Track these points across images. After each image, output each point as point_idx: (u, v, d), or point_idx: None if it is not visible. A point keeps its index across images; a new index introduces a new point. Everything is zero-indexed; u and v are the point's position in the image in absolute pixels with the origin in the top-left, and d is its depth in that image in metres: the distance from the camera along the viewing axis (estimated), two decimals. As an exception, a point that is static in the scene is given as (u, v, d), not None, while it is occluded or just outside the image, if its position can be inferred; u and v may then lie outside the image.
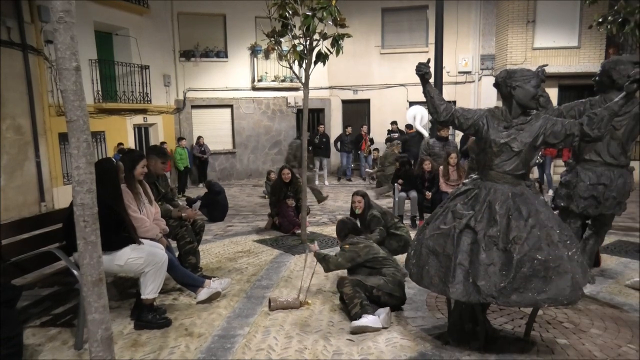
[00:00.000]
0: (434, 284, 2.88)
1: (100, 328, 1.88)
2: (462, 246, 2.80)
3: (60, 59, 1.68)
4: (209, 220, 7.56)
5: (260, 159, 14.22)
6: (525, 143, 2.89)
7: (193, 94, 13.39)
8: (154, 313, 3.49)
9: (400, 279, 3.76)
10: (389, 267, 3.81)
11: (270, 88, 13.87)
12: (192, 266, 4.36)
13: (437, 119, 3.14)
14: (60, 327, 3.53)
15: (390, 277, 3.70)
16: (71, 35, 1.65)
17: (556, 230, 2.79)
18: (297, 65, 5.83)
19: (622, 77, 3.65)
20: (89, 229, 1.79)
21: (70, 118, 1.70)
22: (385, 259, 3.90)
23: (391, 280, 3.69)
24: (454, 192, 3.13)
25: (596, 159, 3.86)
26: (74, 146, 1.73)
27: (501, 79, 3.01)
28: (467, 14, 13.48)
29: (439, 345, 3.12)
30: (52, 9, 1.63)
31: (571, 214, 3.98)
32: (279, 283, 4.48)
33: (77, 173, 1.76)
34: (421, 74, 3.07)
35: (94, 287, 1.83)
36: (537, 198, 2.92)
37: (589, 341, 3.17)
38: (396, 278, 3.73)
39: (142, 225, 3.69)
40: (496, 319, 3.49)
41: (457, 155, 7.11)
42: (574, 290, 2.67)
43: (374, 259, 3.85)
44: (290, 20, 5.58)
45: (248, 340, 3.26)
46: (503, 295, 2.66)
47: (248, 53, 13.58)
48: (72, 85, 1.68)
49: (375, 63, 14.21)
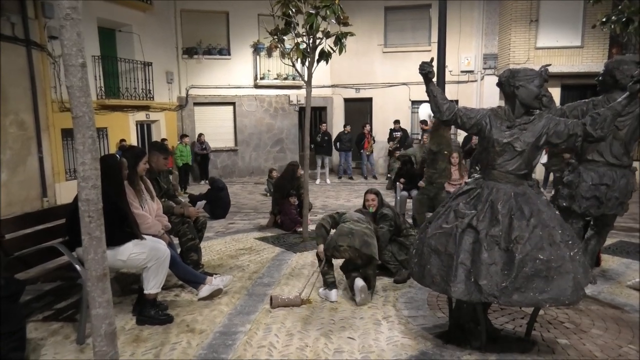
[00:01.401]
0: (436, 282, 2.88)
1: (104, 323, 1.90)
2: (464, 245, 2.80)
3: (67, 56, 1.68)
4: (211, 217, 7.58)
5: (262, 157, 14.23)
6: (528, 143, 2.88)
7: (195, 91, 13.40)
8: (156, 309, 3.51)
9: (367, 238, 3.93)
10: (359, 226, 4.02)
11: (272, 86, 13.86)
12: (194, 263, 4.37)
13: (440, 118, 3.14)
14: (62, 321, 3.55)
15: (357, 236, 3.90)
16: (77, 32, 1.66)
17: (558, 230, 2.80)
18: (299, 64, 5.84)
19: (625, 77, 3.65)
20: (94, 225, 1.80)
21: (76, 114, 1.71)
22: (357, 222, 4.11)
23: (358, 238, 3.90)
24: (456, 192, 3.14)
25: (599, 159, 3.85)
26: (80, 142, 1.74)
27: (504, 78, 3.01)
28: (470, 13, 13.45)
29: (440, 344, 3.13)
30: (59, 5, 1.64)
31: (573, 214, 3.98)
32: (280, 281, 4.49)
33: (83, 169, 1.77)
34: (424, 73, 3.07)
35: (98, 282, 1.84)
36: (539, 198, 2.92)
37: (589, 341, 3.18)
38: (363, 237, 3.91)
39: (145, 222, 3.70)
40: (497, 319, 3.49)
41: (458, 154, 7.11)
42: (576, 290, 2.68)
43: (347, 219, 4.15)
44: (294, 18, 5.58)
45: (249, 337, 3.27)
46: (504, 294, 2.66)
47: (251, 51, 13.57)
48: (78, 81, 1.69)
49: (377, 62, 14.19)
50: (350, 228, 3.95)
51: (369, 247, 3.88)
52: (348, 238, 3.87)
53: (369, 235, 3.97)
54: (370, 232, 4.05)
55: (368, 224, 4.18)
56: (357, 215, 4.29)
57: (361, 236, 3.89)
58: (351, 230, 3.92)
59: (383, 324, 3.49)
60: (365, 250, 3.85)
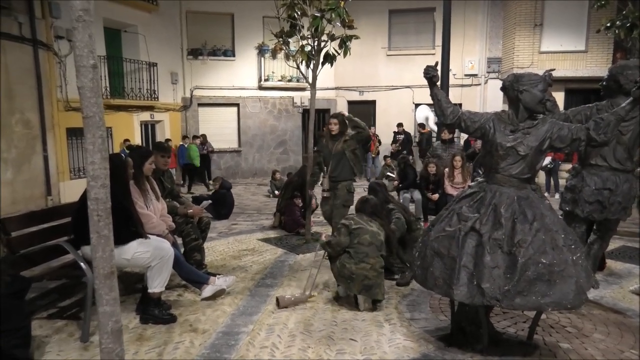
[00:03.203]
0: (438, 285, 2.90)
1: (110, 320, 1.92)
2: (466, 248, 2.81)
3: (78, 57, 1.71)
4: (215, 217, 7.60)
5: (266, 158, 14.27)
6: (531, 147, 2.90)
7: (200, 92, 13.46)
8: (159, 308, 3.53)
9: (368, 281, 3.69)
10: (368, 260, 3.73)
11: (276, 88, 13.91)
12: (197, 263, 4.39)
13: (444, 121, 3.16)
14: (66, 319, 3.57)
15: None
16: (89, 34, 1.69)
17: (561, 235, 2.81)
18: (304, 66, 5.86)
19: (629, 82, 3.65)
20: (102, 223, 1.83)
21: (86, 114, 1.73)
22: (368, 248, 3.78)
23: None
24: (460, 195, 3.15)
25: (602, 163, 3.86)
26: (90, 142, 1.77)
27: (508, 82, 3.03)
28: (475, 17, 13.47)
29: (442, 347, 3.14)
30: (71, 7, 1.67)
31: (576, 218, 3.98)
32: (283, 282, 4.51)
33: (92, 168, 1.80)
34: (429, 76, 3.09)
35: (106, 280, 1.87)
36: (542, 202, 2.93)
37: (591, 346, 3.18)
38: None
39: (149, 221, 3.72)
40: (499, 322, 3.50)
41: (461, 157, 7.12)
42: (578, 294, 2.69)
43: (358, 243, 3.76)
44: (299, 21, 5.61)
45: (252, 337, 3.29)
46: (507, 298, 2.67)
47: (255, 52, 13.63)
48: (89, 82, 1.72)
49: (381, 64, 14.23)
50: (351, 271, 3.69)
51: (370, 290, 3.70)
52: (348, 283, 3.73)
53: (373, 277, 3.69)
54: (379, 264, 3.76)
55: (377, 249, 3.81)
56: (368, 233, 3.82)
57: (361, 280, 3.67)
58: (352, 274, 3.69)
59: (385, 326, 3.50)
60: (365, 294, 3.71)
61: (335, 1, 5.36)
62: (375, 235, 3.82)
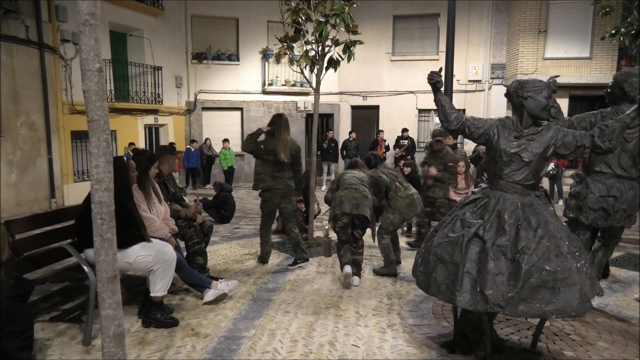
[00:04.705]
0: (441, 291, 2.88)
1: (113, 324, 1.92)
2: (470, 255, 2.80)
3: (84, 60, 1.72)
4: (217, 221, 7.61)
5: (269, 162, 14.27)
6: (535, 153, 2.89)
7: (204, 96, 13.51)
8: (162, 312, 3.53)
9: (356, 201, 4.31)
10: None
11: (280, 92, 13.95)
12: (200, 267, 4.39)
13: (448, 127, 3.15)
14: (69, 322, 3.58)
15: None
16: (95, 38, 1.70)
17: (565, 242, 2.79)
18: (308, 71, 5.88)
19: (634, 89, 3.65)
20: (106, 227, 1.83)
21: (91, 118, 1.74)
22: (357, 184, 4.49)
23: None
24: (463, 201, 3.14)
25: (607, 170, 3.85)
26: (94, 145, 1.77)
27: (513, 89, 3.02)
28: (479, 23, 13.48)
29: (445, 354, 3.12)
30: (78, 11, 1.68)
31: (580, 225, 3.96)
32: (285, 286, 4.50)
33: (97, 171, 1.81)
34: (433, 82, 3.09)
35: (109, 284, 1.87)
36: (546, 208, 2.92)
37: (596, 354, 3.16)
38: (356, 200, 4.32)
39: (152, 225, 3.73)
40: (503, 329, 3.48)
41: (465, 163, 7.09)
42: (582, 302, 2.67)
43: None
44: (303, 26, 5.64)
45: (254, 342, 3.28)
46: (510, 305, 2.66)
47: (259, 57, 13.69)
48: (95, 85, 1.73)
49: (385, 70, 14.25)
50: (341, 196, 4.37)
51: (359, 207, 4.30)
52: (340, 206, 4.32)
53: (359, 197, 4.34)
54: (363, 190, 4.42)
55: (361, 183, 4.51)
56: (352, 176, 4.60)
57: (350, 200, 4.31)
58: (341, 198, 4.34)
59: (388, 332, 3.48)
60: (356, 211, 4.29)
61: (340, 6, 5.38)
62: (357, 176, 4.58)
